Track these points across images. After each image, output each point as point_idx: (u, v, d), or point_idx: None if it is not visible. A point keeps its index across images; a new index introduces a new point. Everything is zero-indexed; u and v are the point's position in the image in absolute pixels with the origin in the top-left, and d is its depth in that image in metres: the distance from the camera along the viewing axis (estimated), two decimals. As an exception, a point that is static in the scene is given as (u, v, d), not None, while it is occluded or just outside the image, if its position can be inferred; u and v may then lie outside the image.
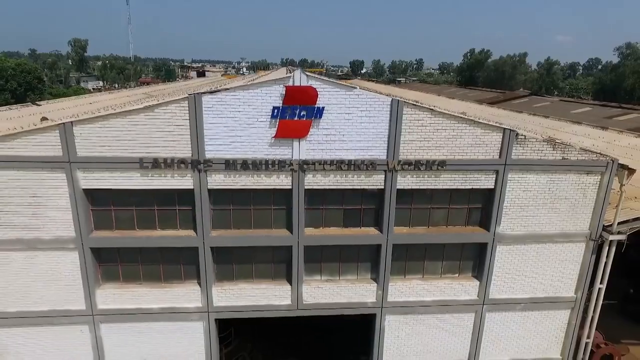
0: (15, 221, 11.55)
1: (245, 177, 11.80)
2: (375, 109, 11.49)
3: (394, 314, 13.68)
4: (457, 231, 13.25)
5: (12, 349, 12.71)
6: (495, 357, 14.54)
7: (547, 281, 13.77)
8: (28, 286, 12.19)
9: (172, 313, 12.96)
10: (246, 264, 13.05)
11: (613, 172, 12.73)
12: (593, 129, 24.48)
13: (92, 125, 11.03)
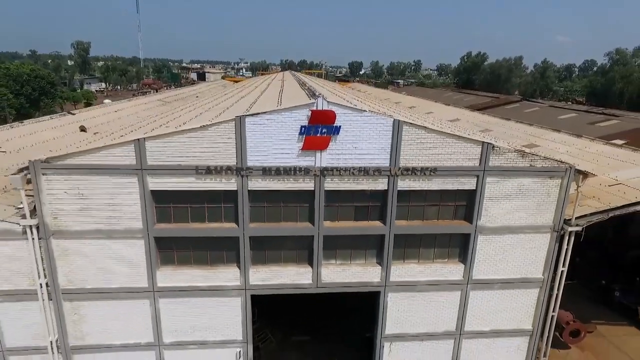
0: (97, 215, 14.63)
1: (278, 181, 14.91)
2: (380, 127, 14.60)
3: (395, 291, 16.81)
4: (446, 224, 16.39)
5: (89, 318, 15.79)
6: (478, 327, 17.69)
7: (519, 265, 16.92)
8: (103, 267, 15.27)
9: (216, 290, 16.06)
10: (276, 250, 16.17)
11: (571, 176, 15.87)
12: (569, 137, 27.67)
13: (160, 140, 14.12)
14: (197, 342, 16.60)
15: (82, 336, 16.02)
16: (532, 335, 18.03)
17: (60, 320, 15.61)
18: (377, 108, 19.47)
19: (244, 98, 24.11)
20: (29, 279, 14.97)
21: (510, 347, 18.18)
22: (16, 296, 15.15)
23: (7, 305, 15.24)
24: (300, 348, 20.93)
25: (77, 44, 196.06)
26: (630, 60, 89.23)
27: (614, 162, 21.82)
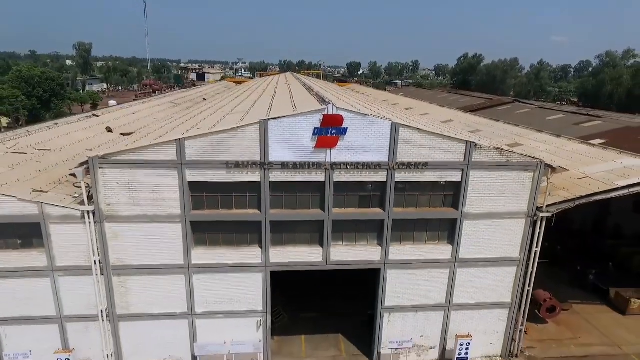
0: (143, 203, 17.44)
1: (295, 174, 17.74)
2: (380, 128, 17.45)
3: (393, 268, 19.68)
4: (436, 211, 19.26)
5: (133, 291, 18.60)
6: (464, 300, 20.57)
7: (498, 246, 19.80)
8: (147, 247, 18.08)
9: (241, 267, 18.90)
10: (292, 233, 19.02)
11: (541, 170, 18.76)
12: (550, 137, 30.63)
13: (197, 140, 16.95)
14: (224, 312, 19.44)
15: (127, 306, 18.84)
16: (511, 308, 20.93)
17: (110, 292, 18.43)
18: (377, 111, 22.38)
19: (258, 102, 26.93)
20: (85, 256, 17.79)
21: (493, 318, 21.08)
22: (74, 271, 17.97)
23: (66, 279, 18.05)
24: (310, 323, 23.78)
25: (79, 45, 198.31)
26: (619, 62, 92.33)
27: (585, 159, 24.78)
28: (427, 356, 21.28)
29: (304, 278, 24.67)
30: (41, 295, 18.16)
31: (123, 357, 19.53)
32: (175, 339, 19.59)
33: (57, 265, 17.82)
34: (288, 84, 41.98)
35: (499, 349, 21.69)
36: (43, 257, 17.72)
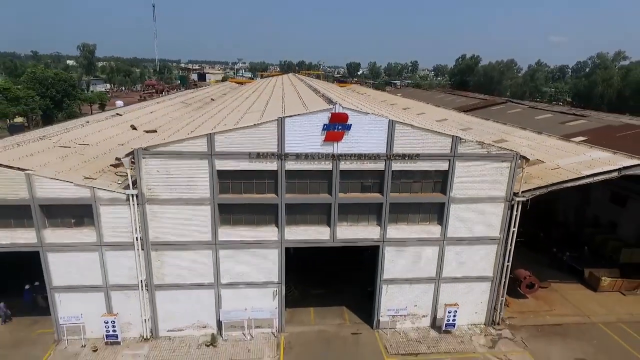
0: (178, 188, 20.60)
1: (307, 163, 20.89)
2: (380, 125, 20.62)
3: (390, 245, 22.85)
4: (427, 196, 22.42)
5: (168, 264, 21.76)
6: (452, 274, 23.73)
7: (481, 226, 22.96)
8: (181, 225, 21.22)
9: (260, 243, 22.05)
10: (303, 214, 22.17)
11: (516, 160, 21.94)
12: (532, 134, 33.88)
13: (224, 134, 20.11)
14: (245, 283, 22.60)
15: (162, 277, 22.00)
16: (493, 281, 24.10)
17: (148, 265, 21.59)
18: (377, 110, 25.60)
19: (271, 102, 30.13)
20: (128, 234, 20.96)
21: (477, 290, 24.24)
22: (119, 246, 21.13)
23: (111, 253, 21.22)
24: (317, 298, 26.96)
25: (84, 45, 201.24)
26: (610, 64, 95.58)
27: (560, 153, 27.99)
28: (420, 323, 24.46)
29: (311, 261, 28.03)
30: (91, 267, 21.33)
31: (158, 322, 22.68)
32: (203, 306, 22.76)
33: (104, 241, 20.99)
34: (294, 86, 45.17)
35: (483, 318, 24.87)
36: (93, 234, 20.89)
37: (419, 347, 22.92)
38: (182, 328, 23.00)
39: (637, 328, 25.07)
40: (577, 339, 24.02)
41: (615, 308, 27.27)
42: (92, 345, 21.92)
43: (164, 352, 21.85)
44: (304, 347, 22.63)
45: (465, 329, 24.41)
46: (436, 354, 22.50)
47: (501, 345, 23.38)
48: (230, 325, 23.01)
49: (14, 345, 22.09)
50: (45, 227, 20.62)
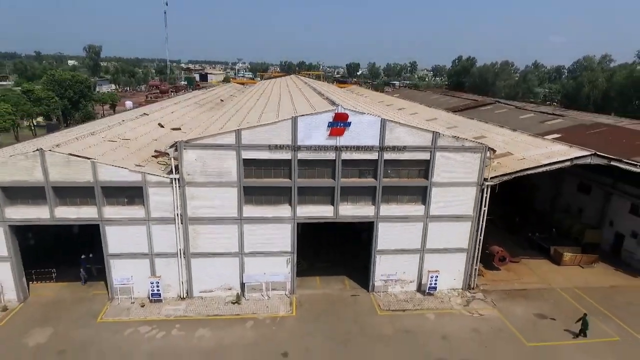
0: (211, 173, 25.53)
1: (315, 154, 25.85)
2: (374, 122, 25.57)
3: (383, 222, 27.82)
4: (413, 181, 27.38)
5: (202, 236, 26.72)
6: (434, 246, 28.69)
7: (458, 206, 27.93)
8: (213, 204, 26.17)
9: (276, 219, 27.00)
10: (312, 196, 27.13)
11: (485, 152, 26.92)
12: (508, 131, 38.93)
13: (249, 130, 25.08)
14: (264, 252, 27.57)
15: (197, 247, 26.96)
16: (468, 252, 29.08)
17: (186, 237, 26.55)
18: (373, 110, 30.59)
19: (282, 103, 35.12)
20: (170, 211, 25.91)
21: (455, 260, 29.22)
22: (162, 221, 26.09)
23: (157, 226, 26.18)
24: (322, 269, 31.89)
25: (90, 47, 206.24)
26: (596, 66, 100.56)
27: (527, 146, 33.00)
28: (408, 287, 29.47)
29: (317, 240, 32.93)
30: (139, 238, 26.30)
31: (192, 284, 27.66)
32: (229, 271, 27.73)
33: (151, 217, 25.96)
34: (299, 89, 50.18)
35: (460, 284, 29.86)
36: (142, 211, 25.86)
37: (406, 306, 27.92)
38: (212, 289, 28.00)
39: (588, 292, 30.10)
40: (537, 300, 29.02)
41: (573, 278, 32.29)
42: (140, 302, 26.92)
43: (198, 308, 26.84)
44: (312, 305, 27.63)
45: (445, 292, 29.42)
46: (420, 310, 27.51)
47: (474, 304, 28.38)
48: (251, 288, 28.00)
49: (76, 302, 27.06)
50: (104, 205, 25.59)
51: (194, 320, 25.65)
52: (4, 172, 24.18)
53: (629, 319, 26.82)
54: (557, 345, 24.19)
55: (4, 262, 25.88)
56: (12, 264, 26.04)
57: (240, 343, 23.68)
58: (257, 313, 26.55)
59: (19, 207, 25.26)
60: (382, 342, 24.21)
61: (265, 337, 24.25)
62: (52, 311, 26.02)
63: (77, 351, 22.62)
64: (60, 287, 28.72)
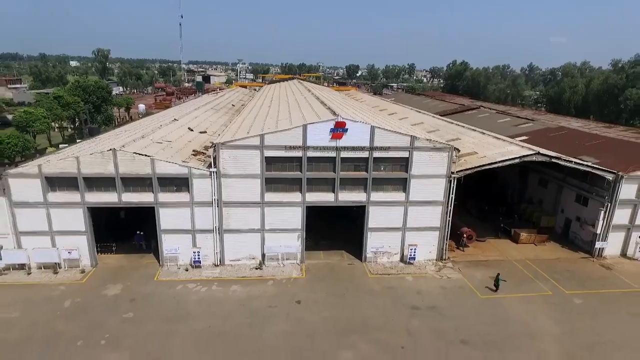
0: (241, 167, 33.38)
1: (320, 153, 33.70)
2: (365, 128, 33.45)
3: (373, 206, 35.69)
4: (396, 174, 35.23)
5: (232, 216, 34.58)
6: (413, 225, 36.50)
7: (431, 193, 35.78)
8: (242, 191, 34.02)
9: (290, 204, 34.85)
10: (317, 185, 34.97)
11: (452, 151, 34.80)
12: (478, 134, 46.70)
13: (271, 134, 32.96)
14: (280, 229, 35.38)
15: (228, 225, 34.78)
16: (440, 229, 36.91)
17: (220, 217, 34.37)
18: (366, 117, 38.45)
19: (292, 112, 43.02)
20: (208, 196, 33.73)
21: (430, 236, 37.04)
22: (202, 204, 33.88)
23: (198, 209, 34.00)
24: (325, 246, 39.67)
25: (98, 51, 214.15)
26: (576, 73, 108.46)
27: (491, 147, 40.83)
28: (393, 258, 37.31)
29: (321, 224, 40.63)
30: (184, 217, 34.12)
31: (224, 254, 35.47)
32: (252, 244, 35.55)
33: (194, 201, 33.77)
34: (304, 97, 58.08)
35: (434, 255, 37.68)
36: (187, 196, 33.67)
37: (390, 271, 35.80)
38: (239, 259, 35.85)
39: (536, 263, 37.95)
40: (495, 267, 36.80)
41: (527, 252, 40.15)
42: (184, 267, 34.78)
43: (229, 272, 34.68)
44: (317, 270, 35.48)
45: (422, 262, 37.27)
46: (401, 274, 35.37)
47: (444, 271, 36.22)
48: (270, 257, 35.84)
49: (134, 268, 34.91)
50: (159, 192, 33.42)
51: (227, 280, 33.52)
52: (86, 167, 32.05)
53: (562, 281, 34.71)
54: (503, 297, 32.06)
55: (82, 236, 33.75)
56: (87, 237, 33.92)
57: (264, 295, 31.53)
58: (275, 276, 34.41)
59: (95, 193, 33.11)
60: (371, 295, 32.06)
61: (283, 291, 32.12)
62: (118, 273, 33.88)
63: (144, 299, 30.45)
64: (120, 257, 36.58)
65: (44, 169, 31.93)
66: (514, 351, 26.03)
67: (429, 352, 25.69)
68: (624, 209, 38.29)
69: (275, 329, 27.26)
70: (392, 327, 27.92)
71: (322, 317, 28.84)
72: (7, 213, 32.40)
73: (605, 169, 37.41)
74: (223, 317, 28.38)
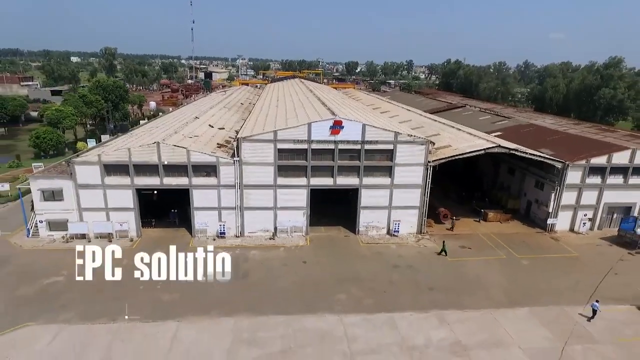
0: (258, 156, 41.63)
1: (322, 145, 41.96)
2: (358, 126, 41.71)
3: (364, 189, 44.03)
4: (383, 162, 43.53)
5: (251, 196, 42.91)
6: (397, 204, 44.86)
7: (411, 178, 44.08)
8: (258, 175, 42.33)
9: (297, 186, 43.13)
10: (319, 171, 43.25)
11: (428, 144, 43.10)
12: (455, 130, 54.97)
13: (282, 130, 41.25)
14: (289, 207, 43.71)
15: (248, 203, 43.10)
16: (419, 208, 45.27)
17: (241, 197, 42.68)
18: (359, 116, 46.73)
19: (297, 111, 51.27)
20: (232, 180, 42.04)
21: (411, 214, 45.39)
22: (227, 187, 42.19)
23: (223, 190, 42.30)
24: (325, 223, 47.97)
25: (105, 49, 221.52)
26: (558, 73, 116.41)
27: (463, 141, 49.10)
28: (381, 232, 45.69)
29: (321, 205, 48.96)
30: (213, 197, 42.43)
31: (244, 227, 43.83)
32: (267, 220, 43.90)
33: (220, 184, 42.05)
34: (307, 97, 66.27)
35: (415, 229, 46.05)
36: (215, 180, 41.96)
37: (378, 241, 44.22)
38: (256, 232, 44.22)
39: (498, 235, 46.34)
40: (464, 239, 45.22)
41: (493, 228, 48.56)
42: (212, 238, 43.16)
43: (248, 241, 43.06)
44: (319, 241, 43.86)
45: (405, 234, 45.65)
46: (387, 243, 43.78)
47: (422, 241, 44.62)
48: (281, 230, 44.20)
49: (172, 238, 43.22)
50: (192, 177, 41.68)
51: (247, 247, 41.92)
52: (135, 156, 40.32)
53: (516, 249, 43.15)
54: (466, 260, 40.48)
55: (130, 212, 42.10)
56: (135, 213, 42.27)
57: (277, 257, 39.94)
58: (285, 244, 42.81)
59: (141, 177, 41.39)
60: (362, 258, 40.48)
61: (292, 255, 40.52)
62: (159, 242, 42.19)
63: (183, 260, 38.74)
64: (158, 230, 44.94)
65: (102, 158, 40.22)
66: (469, 295, 34.45)
67: (404, 295, 34.13)
68: (570, 192, 46.69)
69: (287, 279, 35.73)
70: (377, 279, 36.37)
71: (323, 272, 37.29)
72: (73, 193, 40.69)
73: (554, 158, 45.78)
74: (246, 271, 36.80)
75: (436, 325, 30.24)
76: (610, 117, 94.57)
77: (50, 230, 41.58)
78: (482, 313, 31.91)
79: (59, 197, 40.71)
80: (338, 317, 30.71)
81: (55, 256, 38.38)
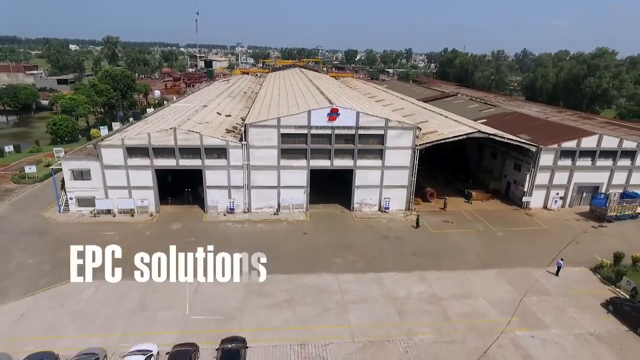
0: (263, 139, 46.73)
1: (320, 130, 47.00)
2: (352, 113, 46.73)
3: (358, 169, 49.21)
4: (375, 146, 48.63)
5: (257, 176, 48.18)
6: (388, 184, 50.10)
7: (400, 160, 49.27)
8: (264, 158, 47.46)
9: (298, 167, 48.33)
10: (318, 154, 48.37)
11: (415, 130, 48.19)
12: (443, 117, 59.98)
13: (285, 117, 46.29)
14: (292, 186, 48.92)
15: (254, 182, 48.29)
16: (407, 187, 50.53)
17: (248, 176, 47.88)
18: (355, 105, 51.74)
19: (298, 99, 56.21)
20: (240, 161, 47.21)
21: (400, 191, 50.66)
22: (236, 167, 47.40)
23: (233, 170, 47.52)
24: (323, 201, 53.28)
25: (108, 38, 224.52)
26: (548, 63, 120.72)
27: (447, 127, 54.14)
28: (373, 208, 51.01)
29: (319, 186, 54.21)
30: (223, 177, 47.62)
31: (251, 204, 49.11)
32: (272, 197, 49.16)
33: (230, 165, 47.19)
34: (307, 86, 71.08)
35: (404, 206, 51.39)
36: (225, 162, 47.08)
37: (371, 216, 49.60)
38: (262, 207, 49.51)
39: (478, 212, 51.69)
40: (447, 215, 50.59)
41: (475, 206, 53.89)
42: (223, 213, 48.49)
43: (255, 216, 48.40)
44: (318, 216, 49.22)
45: (394, 211, 51.00)
46: (378, 218, 49.15)
47: (410, 217, 49.98)
48: (283, 207, 49.50)
49: (187, 214, 48.57)
50: (205, 158, 46.78)
51: (254, 221, 47.29)
52: (154, 140, 45.40)
53: (493, 223, 48.56)
54: (448, 232, 45.91)
55: (150, 190, 47.34)
56: (154, 190, 47.52)
57: (281, 229, 45.34)
58: (288, 219, 48.17)
59: (160, 159, 46.53)
60: (356, 230, 45.89)
61: (294, 227, 45.91)
62: (175, 217, 47.58)
63: (198, 231, 44.17)
64: (174, 207, 50.24)
65: (125, 142, 45.32)
66: (448, 260, 39.90)
67: (391, 259, 39.59)
68: (544, 173, 51.94)
69: (290, 246, 41.19)
70: (368, 247, 41.82)
71: (322, 240, 42.72)
72: (99, 173, 45.87)
73: (529, 143, 50.93)
74: (254, 239, 42.21)
75: (417, 282, 35.72)
76: (595, 106, 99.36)
77: (79, 206, 46.87)
78: (457, 273, 37.38)
79: (87, 177, 45.90)
80: (334, 276, 36.16)
81: (86, 227, 43.80)
